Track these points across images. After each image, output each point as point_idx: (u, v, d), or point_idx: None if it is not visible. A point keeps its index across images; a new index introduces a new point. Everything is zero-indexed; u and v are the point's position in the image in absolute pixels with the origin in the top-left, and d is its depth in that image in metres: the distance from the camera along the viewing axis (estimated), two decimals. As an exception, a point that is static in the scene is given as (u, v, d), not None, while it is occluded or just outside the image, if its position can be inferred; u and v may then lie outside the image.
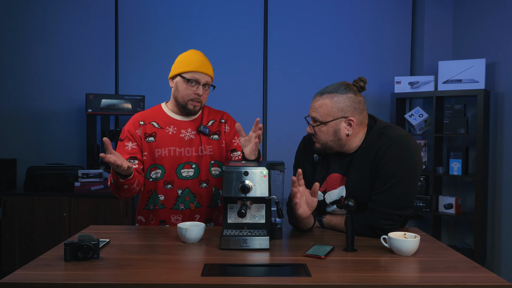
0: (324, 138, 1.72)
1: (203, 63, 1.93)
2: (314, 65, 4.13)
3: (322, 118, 1.69)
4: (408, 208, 1.67)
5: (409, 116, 3.79)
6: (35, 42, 4.04)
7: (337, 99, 1.67)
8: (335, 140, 1.71)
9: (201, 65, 1.92)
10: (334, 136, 1.70)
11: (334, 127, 1.69)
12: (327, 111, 1.68)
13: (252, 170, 1.54)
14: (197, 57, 1.94)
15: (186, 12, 4.10)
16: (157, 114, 2.01)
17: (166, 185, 1.94)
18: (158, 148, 1.94)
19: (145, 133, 1.95)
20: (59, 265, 1.35)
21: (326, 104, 1.68)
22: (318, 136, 1.73)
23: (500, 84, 3.59)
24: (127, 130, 1.96)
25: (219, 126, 2.04)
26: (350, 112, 1.68)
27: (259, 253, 1.49)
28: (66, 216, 3.55)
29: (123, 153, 1.92)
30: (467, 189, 3.86)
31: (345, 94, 1.67)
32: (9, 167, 3.85)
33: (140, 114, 2.02)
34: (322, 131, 1.71)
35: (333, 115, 1.68)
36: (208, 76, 1.94)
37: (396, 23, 4.15)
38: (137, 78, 4.08)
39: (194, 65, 1.91)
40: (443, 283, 1.21)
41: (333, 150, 1.75)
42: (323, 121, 1.69)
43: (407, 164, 1.64)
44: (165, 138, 1.95)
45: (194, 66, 1.91)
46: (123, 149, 1.94)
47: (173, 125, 1.98)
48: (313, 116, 1.72)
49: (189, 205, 1.95)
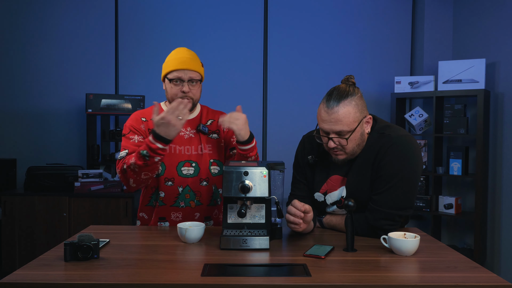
0: (353, 145, 1.66)
1: (184, 59, 1.90)
2: (314, 65, 4.13)
3: (349, 127, 1.61)
4: (408, 208, 1.67)
5: (409, 116, 3.79)
6: (35, 42, 4.04)
7: (355, 102, 1.62)
8: (361, 143, 1.68)
9: (181, 62, 1.89)
10: (361, 139, 1.67)
11: (360, 130, 1.65)
12: (353, 118, 1.61)
13: (252, 170, 1.54)
14: (178, 54, 1.92)
15: (186, 12, 4.10)
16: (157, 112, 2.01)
17: (166, 182, 1.94)
18: None
19: (148, 129, 1.94)
20: (59, 265, 1.35)
21: (349, 112, 1.60)
22: (347, 147, 1.65)
23: (500, 84, 3.59)
24: (130, 125, 1.94)
25: (218, 125, 2.04)
26: (365, 110, 1.68)
27: (259, 253, 1.49)
28: (66, 216, 3.55)
29: (130, 145, 1.89)
30: (467, 189, 3.86)
31: (357, 95, 1.64)
32: (9, 167, 3.85)
33: (141, 112, 2.01)
34: (351, 140, 1.64)
35: (358, 119, 1.63)
36: (192, 72, 1.90)
37: (396, 23, 4.15)
38: (137, 78, 4.08)
39: (175, 64, 1.89)
40: (443, 283, 1.21)
41: (356, 155, 1.69)
42: (351, 130, 1.62)
43: (407, 164, 1.64)
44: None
45: (174, 65, 1.89)
46: (129, 142, 1.90)
47: None
48: (338, 130, 1.61)
49: (189, 203, 1.95)
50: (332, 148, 1.66)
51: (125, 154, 1.87)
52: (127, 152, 1.87)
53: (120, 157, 1.88)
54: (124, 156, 1.87)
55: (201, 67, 1.95)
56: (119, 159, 1.87)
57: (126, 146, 1.90)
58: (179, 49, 1.96)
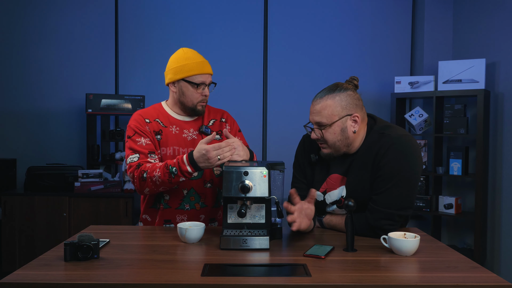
0: (332, 139, 1.69)
1: (204, 63, 1.92)
2: (314, 65, 4.13)
3: (327, 120, 1.66)
4: (408, 208, 1.67)
5: (409, 116, 3.79)
6: (35, 42, 4.04)
7: (339, 98, 1.66)
8: (343, 140, 1.69)
9: (203, 66, 1.91)
10: (342, 135, 1.68)
11: (341, 126, 1.67)
12: (331, 111, 1.66)
13: (252, 170, 1.54)
14: (196, 58, 1.91)
15: (186, 12, 4.10)
16: (159, 112, 1.99)
17: None
18: (163, 147, 1.93)
19: (153, 130, 1.93)
20: (59, 265, 1.35)
21: (329, 105, 1.66)
22: (326, 139, 1.69)
23: (500, 84, 3.59)
24: (135, 126, 1.90)
25: (220, 125, 2.04)
26: (353, 109, 1.68)
27: (259, 253, 1.49)
28: (66, 216, 3.55)
29: (139, 147, 1.87)
30: (467, 189, 3.86)
31: (345, 92, 1.67)
32: (9, 167, 3.85)
33: (143, 111, 1.98)
34: (329, 133, 1.68)
35: (338, 114, 1.66)
36: (211, 75, 1.95)
37: (396, 23, 4.15)
38: (137, 78, 4.08)
39: (197, 68, 1.89)
40: (443, 283, 1.21)
41: (340, 152, 1.72)
42: (329, 123, 1.67)
43: (407, 164, 1.64)
44: (170, 137, 1.94)
45: (198, 69, 1.88)
46: (136, 145, 1.87)
47: (175, 125, 1.97)
48: (317, 121, 1.69)
49: (194, 205, 1.94)
50: (314, 139, 1.74)
51: (137, 158, 1.84)
52: (139, 157, 1.84)
53: (131, 161, 1.84)
54: (136, 160, 1.83)
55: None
56: (131, 163, 1.84)
57: (135, 149, 1.86)
58: (189, 51, 1.93)
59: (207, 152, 1.66)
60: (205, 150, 1.66)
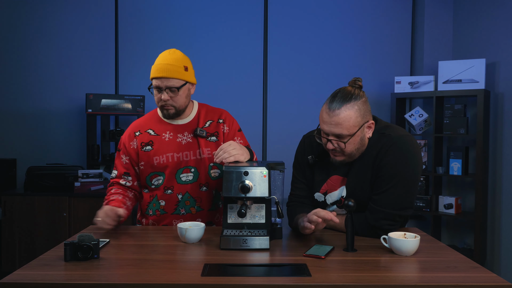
0: (351, 149, 1.65)
1: (162, 67, 1.82)
2: (314, 65, 4.13)
3: (348, 131, 1.59)
4: (408, 209, 1.67)
5: (409, 116, 3.79)
6: (35, 42, 4.04)
7: (357, 107, 1.60)
8: (360, 147, 1.67)
9: (159, 70, 1.82)
10: (360, 143, 1.66)
11: (360, 135, 1.64)
12: (353, 122, 1.59)
13: (252, 170, 1.54)
14: (158, 60, 1.86)
15: (186, 12, 4.10)
16: (152, 120, 1.98)
17: (166, 190, 1.92)
18: (156, 156, 1.91)
19: (141, 143, 1.93)
20: (59, 265, 1.35)
21: (350, 115, 1.58)
22: (346, 150, 1.64)
23: (500, 84, 3.59)
24: (123, 143, 1.99)
25: (217, 126, 1.98)
26: (368, 115, 1.65)
27: (259, 253, 1.49)
28: (66, 216, 3.55)
29: (119, 165, 1.99)
30: (467, 189, 3.86)
31: (360, 99, 1.62)
32: (9, 167, 3.85)
33: (137, 123, 2.00)
34: (350, 143, 1.62)
35: (358, 124, 1.61)
36: (170, 80, 1.82)
37: (396, 23, 4.15)
38: (137, 78, 4.08)
39: (154, 71, 1.85)
40: (443, 283, 1.21)
41: (354, 158, 1.69)
42: (351, 134, 1.60)
43: (407, 165, 1.64)
44: (162, 145, 1.92)
45: (153, 72, 1.85)
46: (119, 161, 1.99)
47: (169, 131, 1.94)
48: (336, 133, 1.60)
49: (190, 210, 1.92)
50: (330, 149, 1.66)
51: (115, 175, 1.99)
52: (116, 175, 1.99)
53: (111, 176, 2.02)
54: (114, 178, 1.99)
55: (183, 73, 1.85)
56: (111, 177, 2.02)
57: (116, 165, 2.00)
58: (163, 54, 1.89)
59: (100, 223, 1.72)
60: (98, 222, 1.72)
